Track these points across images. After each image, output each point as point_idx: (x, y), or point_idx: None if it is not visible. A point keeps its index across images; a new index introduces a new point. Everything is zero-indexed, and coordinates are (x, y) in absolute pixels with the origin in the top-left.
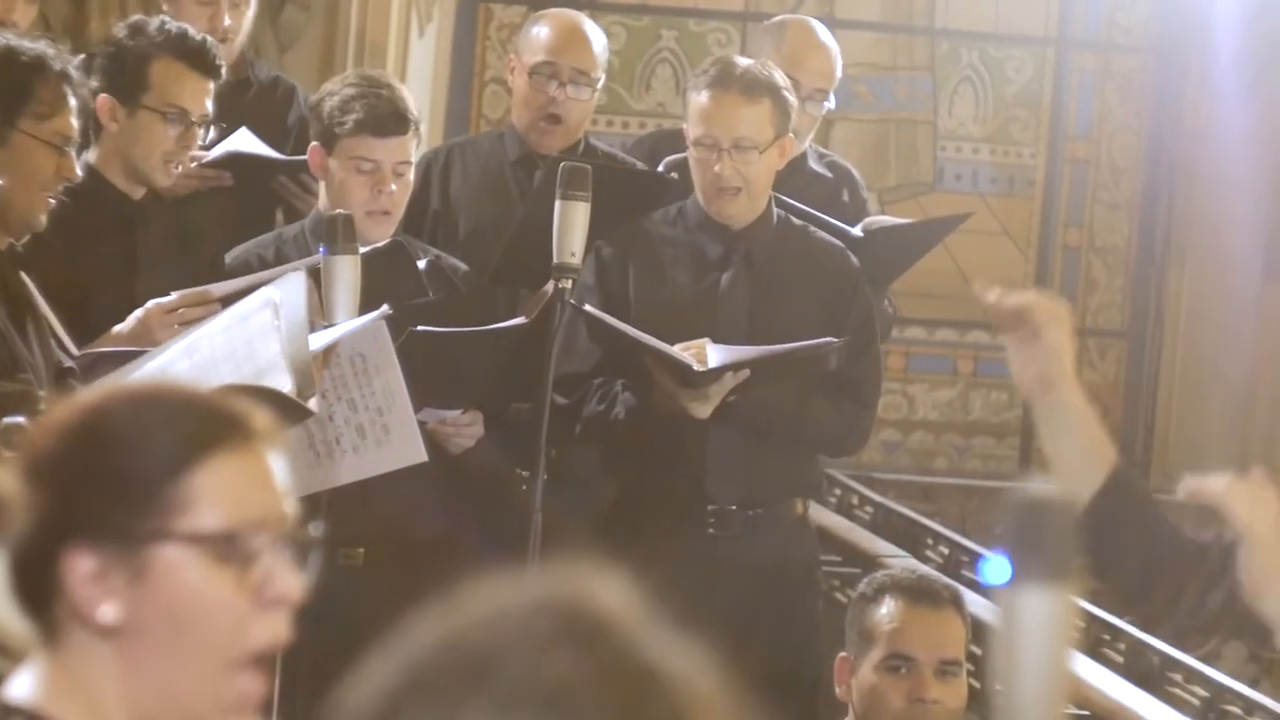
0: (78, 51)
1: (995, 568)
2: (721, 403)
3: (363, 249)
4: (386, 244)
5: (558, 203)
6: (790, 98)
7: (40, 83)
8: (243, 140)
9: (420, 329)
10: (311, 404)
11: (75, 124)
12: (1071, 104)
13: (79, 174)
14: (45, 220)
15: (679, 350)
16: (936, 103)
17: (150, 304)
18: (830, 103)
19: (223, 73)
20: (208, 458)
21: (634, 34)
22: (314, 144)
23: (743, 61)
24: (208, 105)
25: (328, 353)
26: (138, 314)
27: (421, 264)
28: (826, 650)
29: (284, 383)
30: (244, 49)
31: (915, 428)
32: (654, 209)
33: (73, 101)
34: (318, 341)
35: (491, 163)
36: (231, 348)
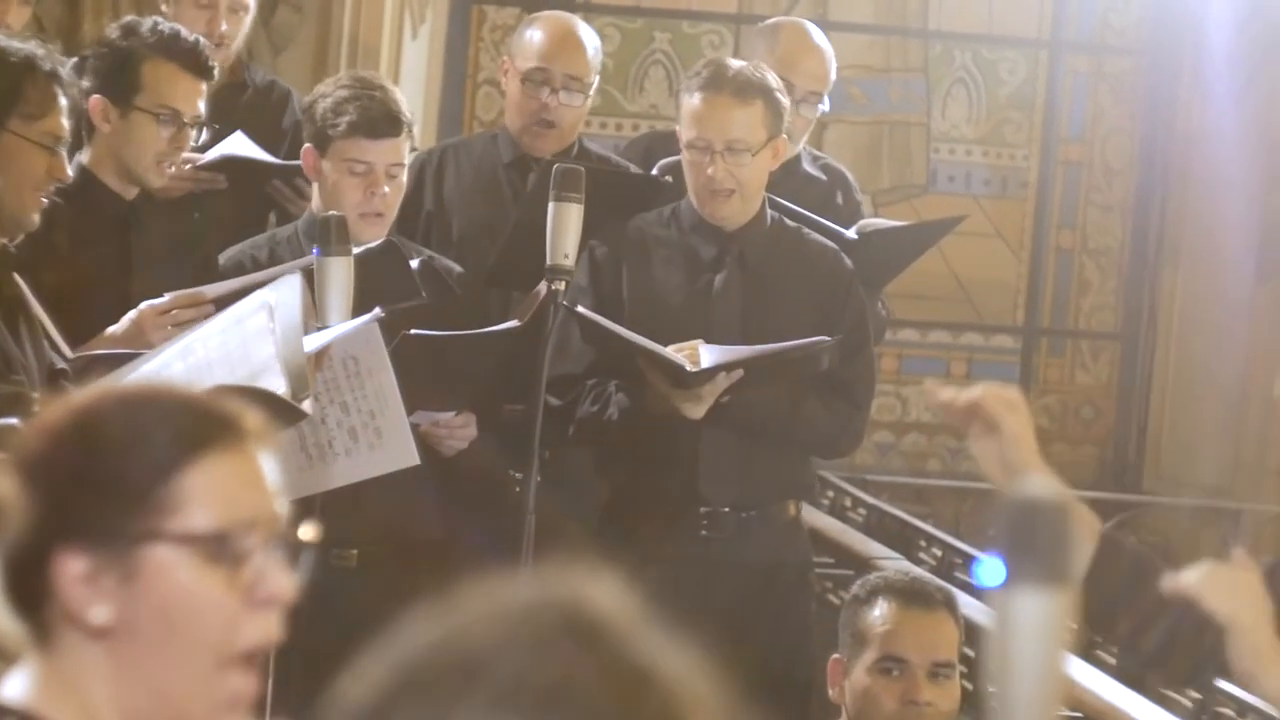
0: (71, 53)
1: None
2: (715, 404)
3: (355, 249)
4: (379, 243)
5: (551, 204)
6: (783, 99)
7: (29, 83)
8: (237, 143)
9: (413, 332)
10: (306, 406)
11: (66, 124)
12: (1064, 106)
13: (70, 174)
14: (38, 220)
15: (672, 351)
16: (930, 105)
17: (143, 305)
18: (825, 105)
19: (215, 74)
20: (199, 458)
21: (627, 36)
22: (307, 146)
23: (735, 63)
24: (200, 106)
25: (320, 355)
26: (131, 315)
27: (414, 264)
28: (819, 652)
29: (278, 385)
30: (239, 52)
31: (908, 430)
32: (647, 212)
33: (63, 101)
34: (311, 344)
35: (485, 165)
36: (226, 350)
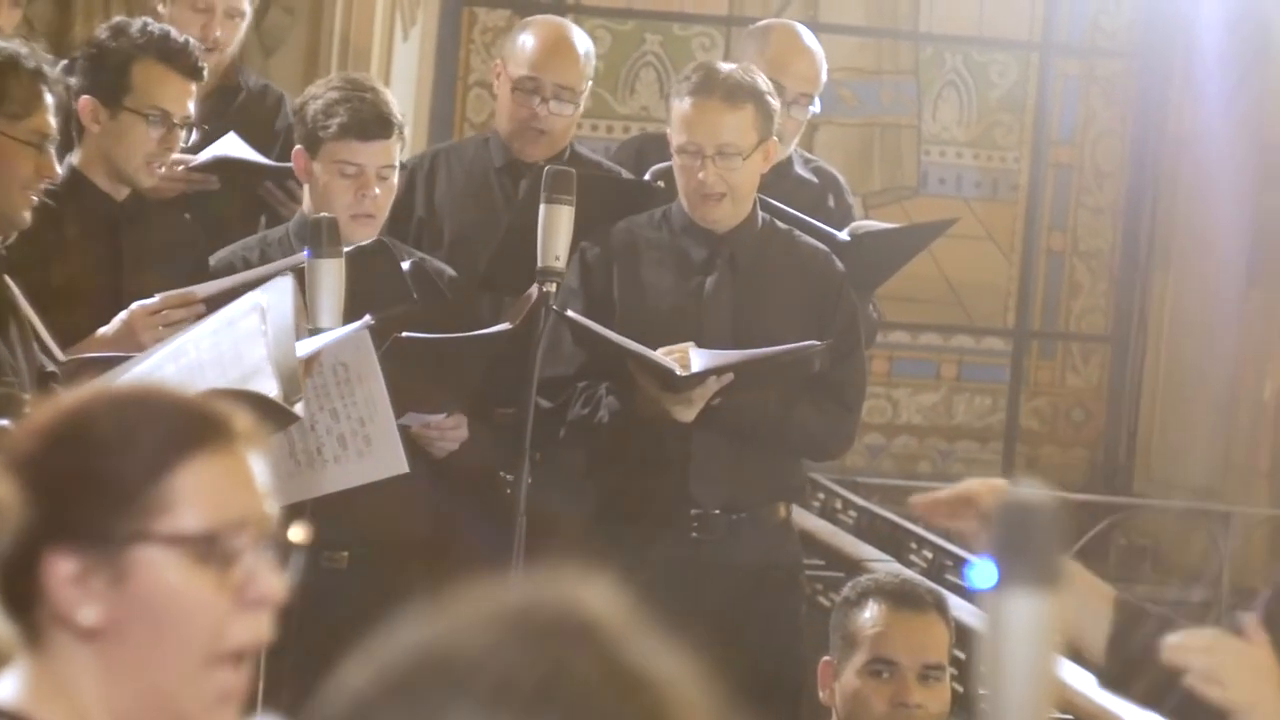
0: (61, 55)
1: (981, 572)
2: (706, 407)
3: (346, 248)
4: (371, 243)
5: (542, 206)
6: (773, 101)
7: (13, 82)
8: (230, 145)
9: (405, 335)
10: (297, 408)
11: (52, 121)
12: (1055, 108)
13: (59, 172)
14: (29, 219)
15: (661, 355)
16: (920, 107)
17: (134, 306)
18: (815, 107)
19: (205, 75)
20: (188, 459)
21: (618, 38)
22: (298, 147)
23: (725, 67)
24: (189, 107)
25: (310, 361)
26: (122, 316)
27: (406, 266)
28: (810, 654)
29: (270, 387)
30: (233, 56)
31: (899, 432)
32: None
33: (48, 99)
34: (301, 350)
35: (476, 169)
36: (218, 352)
